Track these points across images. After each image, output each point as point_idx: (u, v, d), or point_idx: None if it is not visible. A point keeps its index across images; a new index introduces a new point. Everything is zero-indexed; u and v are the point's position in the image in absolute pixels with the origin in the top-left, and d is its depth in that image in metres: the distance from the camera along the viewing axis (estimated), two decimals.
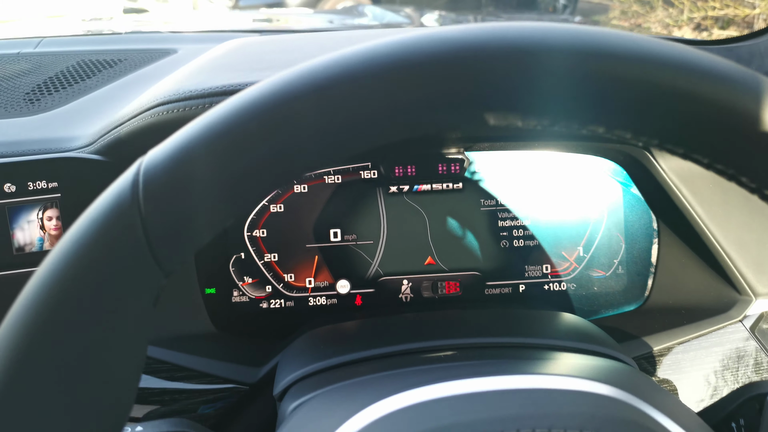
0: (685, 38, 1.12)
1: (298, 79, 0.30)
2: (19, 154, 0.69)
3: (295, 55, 0.64)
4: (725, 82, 0.30)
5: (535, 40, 0.29)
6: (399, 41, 0.31)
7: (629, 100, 0.30)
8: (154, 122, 0.58)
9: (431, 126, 0.31)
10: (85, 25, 1.57)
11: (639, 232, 0.71)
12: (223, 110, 0.30)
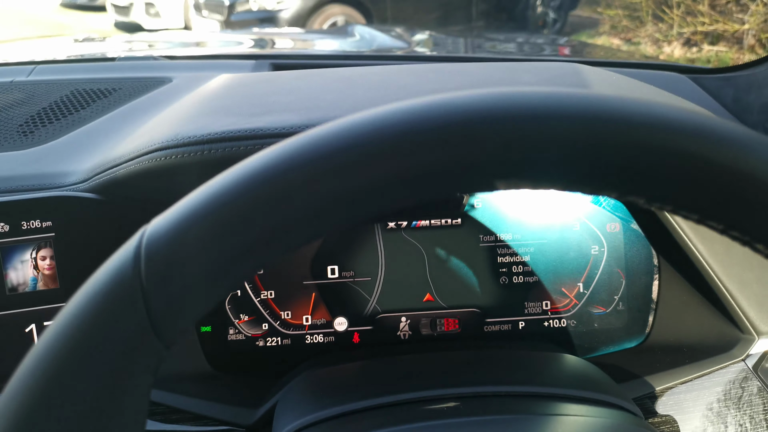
0: (683, 65, 1.13)
1: (303, 150, 0.30)
2: (13, 190, 0.68)
3: (292, 97, 0.63)
4: (741, 148, 0.30)
5: (546, 108, 0.29)
6: (408, 107, 0.30)
7: (642, 168, 0.29)
8: (151, 167, 0.57)
9: (438, 193, 0.31)
10: (78, 47, 1.57)
11: (639, 268, 0.71)
12: (225, 181, 0.30)
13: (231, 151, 0.54)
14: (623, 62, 1.10)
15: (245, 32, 2.07)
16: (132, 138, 0.68)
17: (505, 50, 1.54)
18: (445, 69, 0.73)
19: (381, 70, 0.73)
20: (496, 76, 0.69)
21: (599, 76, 0.70)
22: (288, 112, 0.58)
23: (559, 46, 1.93)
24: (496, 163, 0.29)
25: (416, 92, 0.65)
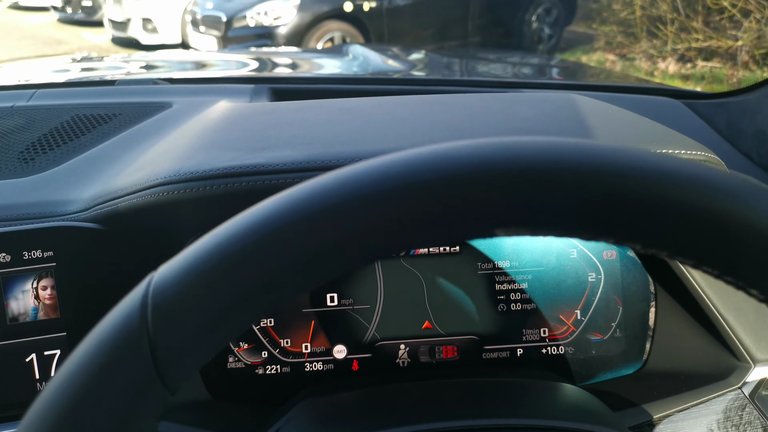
0: (677, 89, 1.14)
1: (304, 199, 0.30)
2: (14, 219, 0.69)
3: (292, 131, 0.64)
4: (732, 196, 0.30)
5: (554, 159, 0.30)
6: (411, 157, 0.31)
7: (636, 218, 0.30)
8: (153, 201, 0.58)
9: (441, 241, 0.32)
10: (77, 68, 1.58)
11: (636, 295, 0.72)
12: (230, 231, 0.30)
13: (232, 187, 0.55)
14: (618, 86, 1.11)
15: (242, 52, 2.08)
16: (134, 168, 0.69)
17: (500, 74, 1.56)
18: (442, 101, 0.73)
19: (379, 102, 0.74)
20: (493, 109, 0.69)
21: (595, 109, 0.71)
22: (288, 148, 0.59)
23: (554, 67, 1.95)
24: (492, 212, 0.30)
25: (415, 126, 0.65)
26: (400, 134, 0.62)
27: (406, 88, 1.08)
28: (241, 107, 0.76)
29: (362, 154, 0.58)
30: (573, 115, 0.67)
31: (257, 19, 5.73)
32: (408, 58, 2.01)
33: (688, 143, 0.62)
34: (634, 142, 0.60)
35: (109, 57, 1.94)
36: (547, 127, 0.64)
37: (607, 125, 0.65)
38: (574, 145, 0.31)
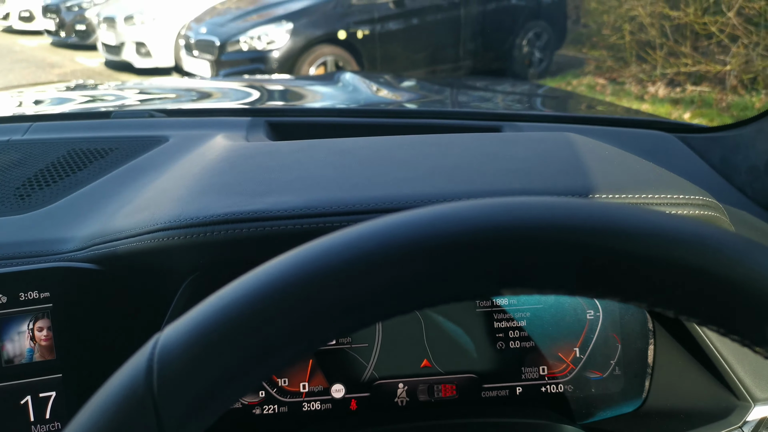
0: (670, 122, 1.15)
1: (316, 259, 0.30)
2: (11, 257, 0.69)
3: (293, 174, 0.64)
4: (730, 257, 0.31)
5: (563, 220, 0.30)
6: (425, 216, 0.31)
7: (642, 279, 0.30)
8: (153, 246, 0.57)
9: (449, 299, 0.32)
10: (72, 97, 1.58)
11: (634, 332, 0.72)
12: (237, 293, 0.30)
13: (233, 234, 0.55)
14: (611, 119, 1.12)
15: (236, 80, 2.09)
16: (133, 209, 0.69)
17: (491, 105, 1.57)
18: (440, 142, 0.74)
19: (377, 143, 0.74)
20: (491, 151, 0.70)
21: (592, 150, 0.72)
22: (288, 192, 0.59)
23: (544, 97, 1.96)
24: (500, 274, 0.30)
25: (414, 170, 0.66)
26: (400, 179, 0.63)
27: (400, 122, 1.09)
28: (239, 147, 0.76)
29: (363, 200, 0.58)
30: (571, 158, 0.67)
31: (250, 43, 5.76)
32: (400, 86, 2.03)
33: (686, 187, 0.62)
34: (633, 187, 0.60)
35: (102, 84, 1.95)
36: (546, 170, 0.64)
37: (606, 169, 0.65)
38: (581, 205, 0.31)
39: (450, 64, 6.51)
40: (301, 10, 5.87)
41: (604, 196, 0.58)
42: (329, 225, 0.56)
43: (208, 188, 0.62)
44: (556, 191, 0.59)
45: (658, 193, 0.59)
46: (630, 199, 0.58)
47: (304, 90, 1.67)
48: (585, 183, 0.60)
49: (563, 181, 0.61)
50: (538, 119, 1.10)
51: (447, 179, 0.62)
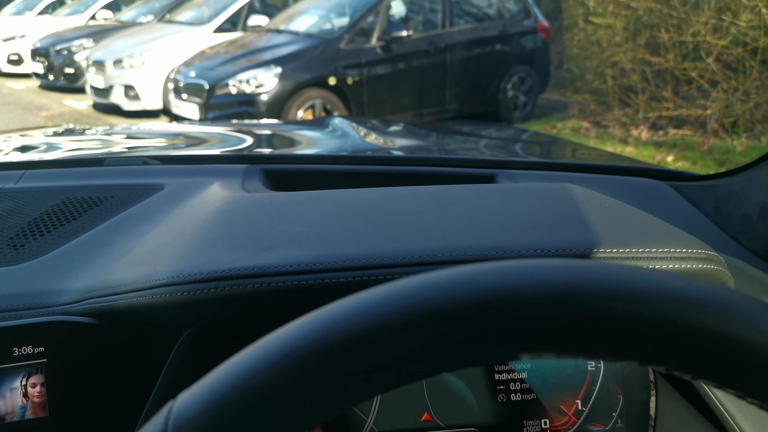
0: (662, 169, 1.17)
1: (333, 323, 0.30)
2: (4, 310, 0.67)
3: (296, 228, 0.64)
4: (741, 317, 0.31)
5: (581, 284, 0.30)
6: (444, 280, 0.31)
7: (660, 343, 0.30)
8: (154, 302, 0.57)
9: (462, 364, 0.31)
10: (64, 142, 1.57)
11: (636, 384, 0.71)
12: (256, 359, 0.30)
13: (237, 290, 0.54)
14: (603, 166, 1.14)
15: (226, 125, 2.10)
16: (131, 261, 0.68)
17: (482, 152, 1.59)
18: (440, 193, 0.74)
19: (378, 195, 0.75)
20: (492, 203, 0.70)
21: (592, 202, 0.72)
22: (292, 247, 0.59)
23: (532, 144, 1.99)
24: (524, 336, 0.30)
25: (417, 223, 0.66)
26: (404, 234, 0.63)
27: (395, 169, 1.10)
28: (239, 198, 0.76)
29: (369, 255, 0.58)
30: (572, 211, 0.68)
31: (239, 87, 5.81)
32: (390, 132, 2.04)
33: (688, 240, 0.63)
34: (637, 240, 0.61)
35: (93, 129, 1.95)
36: (550, 224, 0.65)
37: (608, 222, 0.66)
38: (598, 267, 0.31)
39: (436, 108, 6.59)
40: (289, 55, 5.94)
41: (609, 250, 0.58)
42: (335, 281, 0.56)
43: (210, 242, 0.62)
44: (562, 246, 0.59)
45: (662, 247, 0.59)
46: (635, 253, 0.58)
47: (296, 136, 1.68)
48: (589, 237, 0.60)
49: (568, 236, 0.61)
50: (532, 167, 1.11)
51: (452, 233, 0.63)
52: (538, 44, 7.08)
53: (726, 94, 5.15)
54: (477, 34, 6.70)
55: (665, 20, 5.55)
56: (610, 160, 1.64)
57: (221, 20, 7.78)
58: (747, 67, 5.07)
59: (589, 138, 5.90)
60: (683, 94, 5.73)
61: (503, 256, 0.58)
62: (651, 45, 5.85)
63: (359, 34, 6.13)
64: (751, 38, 4.93)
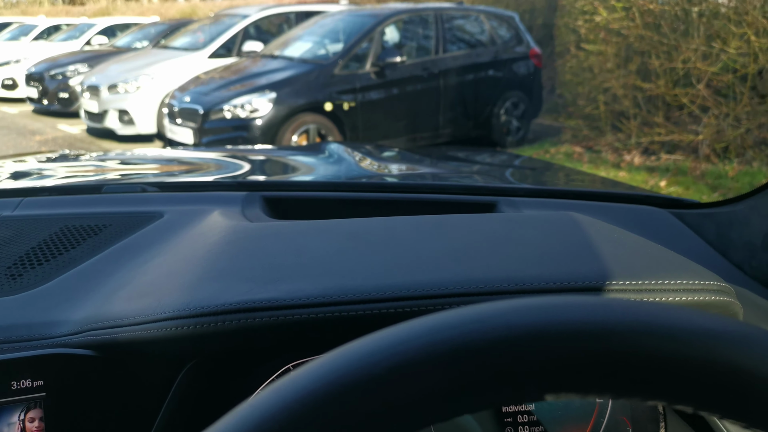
0: (662, 196, 1.18)
1: (363, 359, 0.29)
2: (2, 342, 0.66)
3: (302, 259, 0.63)
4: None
5: (604, 321, 0.29)
6: (489, 312, 0.30)
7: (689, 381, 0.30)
8: (160, 336, 0.56)
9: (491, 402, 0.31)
10: (60, 169, 1.57)
11: (645, 415, 0.70)
12: (275, 402, 0.29)
13: (246, 323, 0.53)
14: (604, 193, 1.14)
15: (224, 150, 2.09)
16: (133, 292, 0.67)
17: (483, 181, 1.59)
18: (444, 223, 0.74)
19: (382, 225, 0.74)
20: (499, 233, 0.70)
21: (599, 232, 0.72)
22: (301, 279, 0.58)
23: (526, 169, 1.99)
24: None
25: (425, 254, 0.65)
26: (413, 265, 0.62)
27: (395, 197, 1.09)
28: (243, 228, 0.75)
29: (379, 287, 0.57)
30: (580, 241, 0.67)
31: (234, 112, 5.83)
32: (387, 158, 2.04)
33: (698, 271, 0.62)
34: (648, 272, 0.60)
35: (87, 155, 1.94)
36: (560, 255, 0.64)
37: (617, 252, 0.66)
38: (624, 305, 0.30)
39: (430, 133, 6.63)
40: (283, 80, 5.97)
41: (621, 282, 0.58)
42: (345, 314, 0.55)
43: (216, 273, 0.61)
44: (573, 279, 0.59)
45: (674, 279, 0.59)
46: (647, 285, 0.58)
47: (294, 162, 1.68)
48: (600, 269, 0.60)
49: (578, 268, 0.61)
50: (532, 194, 1.11)
51: (460, 265, 0.62)
52: (530, 70, 7.16)
53: (717, 120, 5.20)
54: (470, 60, 6.77)
55: (656, 47, 5.62)
56: (608, 187, 1.65)
57: (216, 46, 7.83)
58: (737, 93, 5.13)
59: (582, 163, 5.93)
60: (675, 119, 5.78)
61: (514, 289, 0.57)
62: (642, 71, 5.91)
63: (353, 60, 6.18)
64: (740, 65, 4.99)
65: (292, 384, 0.29)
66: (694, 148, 5.42)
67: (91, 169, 1.58)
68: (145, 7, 21.73)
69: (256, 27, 8.29)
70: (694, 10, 5.46)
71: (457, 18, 7.01)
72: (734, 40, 4.94)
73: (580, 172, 3.66)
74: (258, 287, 0.56)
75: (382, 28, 6.42)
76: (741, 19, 4.88)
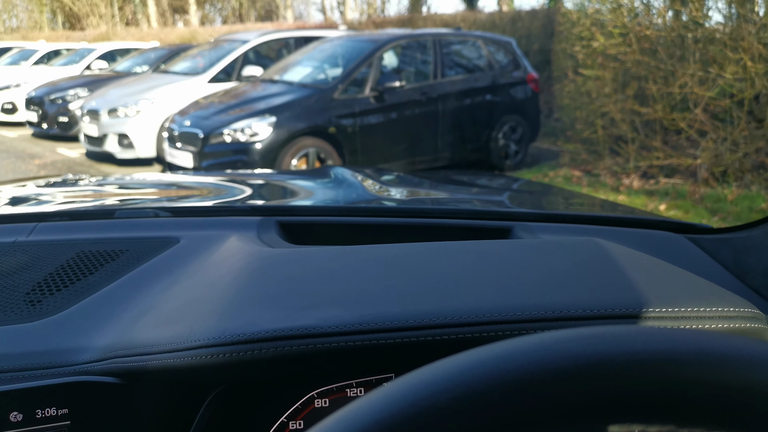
0: (677, 221, 1.17)
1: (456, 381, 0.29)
2: (24, 369, 0.66)
3: (334, 285, 0.63)
4: None
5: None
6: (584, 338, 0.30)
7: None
8: (193, 364, 0.55)
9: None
10: (69, 192, 1.57)
11: None
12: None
13: (282, 351, 0.53)
14: (616, 218, 1.14)
15: (230, 175, 2.10)
16: (160, 319, 0.66)
17: (496, 206, 1.59)
18: (469, 249, 0.74)
19: (408, 251, 0.74)
20: (526, 259, 0.70)
21: (627, 258, 0.72)
22: (335, 306, 0.58)
23: (539, 194, 2.00)
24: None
25: (456, 281, 0.65)
26: (446, 292, 0.62)
27: (411, 221, 1.10)
28: (268, 254, 0.75)
29: (415, 315, 0.57)
30: (610, 268, 0.67)
31: (234, 135, 5.85)
32: (393, 182, 2.05)
33: (731, 298, 0.63)
34: (684, 299, 0.60)
35: (91, 179, 1.94)
36: (591, 282, 0.64)
37: (649, 280, 0.66)
38: (693, 334, 0.30)
39: (429, 156, 6.66)
40: (283, 104, 6.01)
41: (658, 309, 0.58)
42: (382, 342, 0.54)
43: (247, 300, 0.60)
44: (610, 306, 0.58)
45: (708, 306, 0.59)
46: (684, 313, 0.58)
47: (303, 186, 1.69)
48: (635, 296, 0.60)
49: (613, 295, 0.61)
50: (546, 219, 1.11)
51: (494, 292, 0.62)
52: (527, 94, 7.22)
53: (715, 144, 5.24)
54: (468, 84, 6.83)
55: (653, 72, 5.68)
56: (607, 210, 1.65)
57: (216, 71, 7.88)
58: (735, 117, 5.18)
59: (581, 186, 5.95)
60: (673, 143, 5.82)
61: (552, 317, 0.57)
62: (640, 96, 5.97)
63: (353, 85, 6.22)
64: (737, 90, 5.04)
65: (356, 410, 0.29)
66: (692, 172, 5.45)
67: (100, 194, 1.58)
68: (144, 33, 21.93)
69: (255, 52, 8.36)
70: (689, 36, 5.53)
71: (455, 43, 7.08)
72: (730, 65, 4.99)
73: (580, 194, 3.67)
74: (292, 314, 0.56)
75: (381, 53, 6.47)
76: (737, 45, 4.94)
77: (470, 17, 12.74)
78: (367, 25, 15.86)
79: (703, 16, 5.60)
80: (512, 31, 10.76)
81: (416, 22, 14.12)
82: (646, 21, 5.97)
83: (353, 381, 0.63)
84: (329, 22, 20.49)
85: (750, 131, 5.08)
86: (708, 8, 5.81)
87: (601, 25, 6.28)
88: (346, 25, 15.90)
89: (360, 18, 19.99)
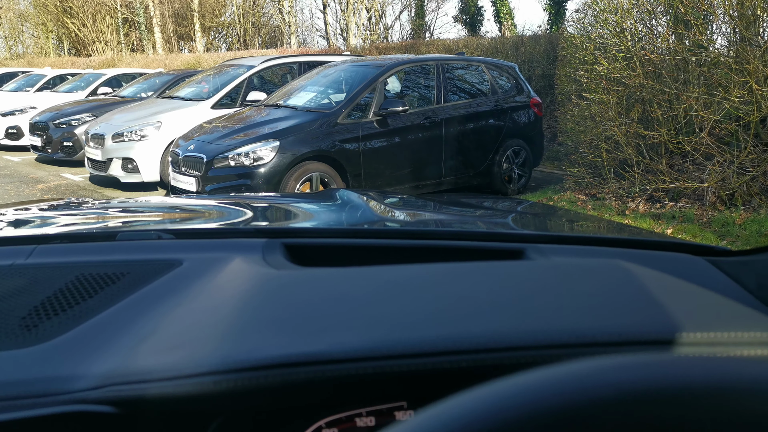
0: (695, 244, 1.15)
1: None
2: (17, 398, 0.62)
3: (341, 307, 0.60)
4: None
5: None
6: None
7: None
8: (195, 392, 0.52)
9: None
10: (71, 215, 1.54)
11: None
12: None
13: (290, 378, 0.50)
14: (634, 240, 1.11)
15: (232, 198, 2.08)
16: (159, 344, 0.63)
17: (507, 228, 1.56)
18: (483, 270, 0.71)
19: (419, 273, 0.71)
20: (548, 283, 0.67)
21: (655, 281, 0.69)
22: (345, 331, 0.54)
23: (549, 216, 1.97)
24: None
25: (472, 305, 0.62)
26: (460, 315, 0.59)
27: (420, 243, 1.06)
28: (272, 276, 0.72)
29: (428, 340, 0.54)
30: (636, 291, 0.64)
31: (238, 160, 5.84)
32: (398, 204, 2.02)
33: (764, 323, 0.59)
34: (722, 324, 0.57)
35: (95, 202, 1.92)
36: (620, 306, 0.61)
37: (682, 303, 0.62)
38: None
39: (432, 180, 6.65)
40: (287, 129, 6.01)
41: (693, 334, 0.54)
42: (396, 369, 0.51)
43: (252, 324, 0.57)
44: (645, 331, 0.55)
45: (743, 330, 0.56)
46: (720, 338, 0.55)
47: (308, 209, 1.66)
48: (668, 321, 0.56)
49: (646, 320, 0.57)
50: (558, 240, 1.08)
51: (512, 316, 0.58)
52: (531, 119, 7.23)
53: (722, 167, 5.21)
54: (471, 109, 6.83)
55: (657, 96, 5.68)
56: (614, 231, 1.62)
57: (220, 96, 7.92)
58: (741, 140, 5.15)
59: (586, 210, 5.92)
60: (678, 166, 5.80)
61: (582, 342, 0.54)
62: (644, 119, 5.96)
63: (356, 109, 6.23)
64: (743, 113, 5.03)
65: None
66: (699, 196, 5.41)
67: (102, 216, 1.55)
68: (150, 59, 22.13)
69: (259, 77, 8.40)
70: (693, 59, 5.53)
71: (459, 68, 7.10)
72: (736, 88, 4.99)
73: (588, 216, 3.63)
74: (300, 339, 0.53)
75: (384, 78, 6.49)
76: (743, 68, 4.94)
77: (473, 42, 12.82)
78: (370, 50, 16.00)
79: (707, 40, 5.61)
80: (515, 56, 10.82)
81: (419, 47, 14.22)
82: (650, 45, 5.99)
83: (363, 410, 0.60)
84: (333, 48, 20.67)
85: (757, 154, 5.06)
86: (711, 32, 5.83)
87: (605, 49, 6.30)
88: (349, 51, 16.04)
89: (363, 44, 20.17)
